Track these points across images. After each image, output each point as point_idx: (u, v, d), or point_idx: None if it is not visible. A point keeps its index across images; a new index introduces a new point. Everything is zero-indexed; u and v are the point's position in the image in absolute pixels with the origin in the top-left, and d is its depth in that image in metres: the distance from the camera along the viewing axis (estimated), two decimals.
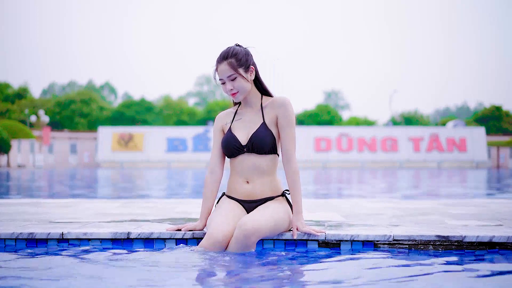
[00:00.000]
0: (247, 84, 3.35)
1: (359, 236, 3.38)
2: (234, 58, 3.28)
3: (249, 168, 3.37)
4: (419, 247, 3.36)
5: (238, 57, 3.29)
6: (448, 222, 3.99)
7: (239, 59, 3.29)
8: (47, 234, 3.45)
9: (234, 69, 3.28)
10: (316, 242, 3.39)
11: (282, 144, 3.35)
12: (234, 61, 3.28)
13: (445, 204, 5.61)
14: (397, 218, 4.33)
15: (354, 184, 15.68)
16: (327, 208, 5.23)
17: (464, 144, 47.50)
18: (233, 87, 3.32)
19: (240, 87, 3.33)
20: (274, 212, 3.28)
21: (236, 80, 3.31)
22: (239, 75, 3.29)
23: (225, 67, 3.29)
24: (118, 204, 5.63)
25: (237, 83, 3.32)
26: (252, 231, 3.12)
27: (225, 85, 3.34)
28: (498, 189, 12.70)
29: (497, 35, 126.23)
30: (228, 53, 3.30)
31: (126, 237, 3.45)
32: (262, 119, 3.38)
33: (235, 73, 3.29)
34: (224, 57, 3.30)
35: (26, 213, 4.62)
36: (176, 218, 4.28)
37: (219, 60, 3.32)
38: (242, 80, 3.32)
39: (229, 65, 3.28)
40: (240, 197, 3.42)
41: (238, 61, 3.28)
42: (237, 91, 3.33)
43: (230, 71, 3.29)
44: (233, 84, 3.32)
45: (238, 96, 3.36)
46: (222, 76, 3.32)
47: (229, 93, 3.34)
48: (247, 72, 3.33)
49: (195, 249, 3.17)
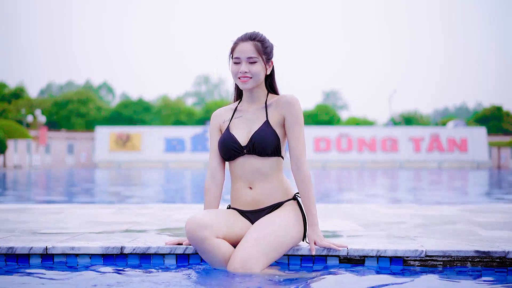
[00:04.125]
0: (262, 74, 2.97)
1: (386, 251, 2.94)
2: (261, 43, 2.95)
3: (250, 172, 2.94)
4: (455, 263, 2.93)
5: (265, 44, 2.97)
6: (481, 233, 3.57)
7: (265, 46, 2.96)
8: (28, 249, 3.01)
9: (258, 53, 2.93)
10: (337, 258, 2.96)
11: (290, 147, 2.92)
12: (260, 46, 2.94)
13: (469, 210, 5.18)
14: (421, 227, 3.90)
15: (359, 185, 15.25)
16: (340, 215, 4.81)
17: (465, 144, 47.11)
18: (249, 71, 2.92)
19: (256, 73, 2.93)
20: (278, 228, 2.83)
21: (255, 65, 2.93)
22: (261, 60, 2.94)
23: (250, 47, 2.92)
24: (111, 210, 5.19)
25: (255, 68, 2.93)
26: (242, 271, 2.69)
27: (239, 65, 2.94)
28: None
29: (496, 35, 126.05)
30: (256, 35, 2.97)
31: (119, 252, 3.01)
32: (266, 117, 2.95)
33: (257, 56, 2.92)
34: (251, 37, 2.95)
35: (9, 222, 4.18)
36: (176, 228, 3.84)
37: (243, 38, 2.95)
38: (260, 68, 2.94)
39: (255, 46, 2.93)
40: (245, 207, 2.98)
41: (264, 48, 2.96)
42: (251, 76, 2.93)
43: (253, 53, 2.92)
44: (250, 68, 2.93)
45: (249, 83, 2.94)
46: (241, 55, 2.93)
47: (241, 76, 2.92)
48: (267, 63, 2.98)
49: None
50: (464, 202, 8.38)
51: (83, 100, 61.08)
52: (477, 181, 17.93)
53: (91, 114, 60.77)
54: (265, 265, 2.77)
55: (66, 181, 17.88)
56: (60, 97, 63.65)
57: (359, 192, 11.83)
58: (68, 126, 59.61)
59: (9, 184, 15.46)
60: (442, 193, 11.48)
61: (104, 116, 61.01)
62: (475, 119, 62.72)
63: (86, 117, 60.91)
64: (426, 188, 13.97)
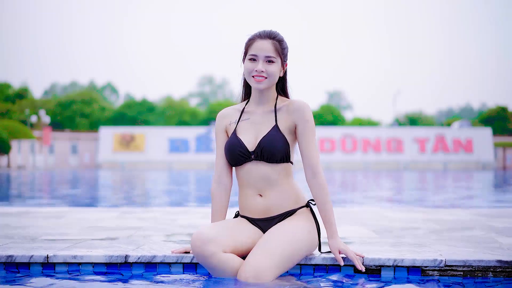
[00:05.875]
0: (277, 76, 2.85)
1: (404, 260, 2.80)
2: (280, 43, 2.83)
3: (258, 178, 2.79)
4: (476, 274, 2.79)
5: (283, 45, 2.85)
6: (501, 241, 3.42)
7: (283, 47, 2.85)
8: (29, 257, 2.88)
9: (277, 53, 2.81)
10: (352, 267, 2.82)
11: (304, 155, 2.77)
12: (279, 46, 2.82)
13: (483, 214, 5.04)
14: (436, 234, 3.76)
15: (365, 187, 15.10)
16: (349, 220, 4.67)
17: (471, 145, 46.85)
18: (265, 70, 2.79)
19: (272, 73, 2.80)
20: (291, 237, 2.70)
21: (272, 65, 2.80)
22: (280, 61, 2.82)
23: (269, 45, 2.80)
24: (114, 214, 5.06)
25: (272, 68, 2.80)
26: (253, 281, 2.56)
27: (255, 63, 2.79)
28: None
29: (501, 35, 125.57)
30: (275, 34, 2.84)
31: (123, 261, 2.88)
32: (275, 121, 2.80)
33: (276, 56, 2.80)
34: (270, 35, 2.82)
35: (9, 227, 4.05)
36: (181, 234, 3.71)
37: (262, 36, 2.81)
38: (277, 69, 2.82)
39: (274, 45, 2.81)
40: (255, 216, 2.84)
41: (283, 49, 2.84)
42: (266, 76, 2.79)
43: (272, 52, 2.80)
44: (267, 67, 2.79)
45: (263, 83, 2.80)
46: (259, 52, 2.79)
47: (256, 74, 2.78)
48: (283, 64, 2.86)
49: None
50: (476, 205, 8.21)
51: (87, 100, 61.05)
52: (485, 183, 17.76)
53: (95, 114, 60.73)
54: (277, 275, 2.64)
55: (68, 182, 17.77)
56: (64, 98, 63.64)
57: (365, 194, 11.68)
58: (72, 127, 59.58)
59: (12, 185, 15.37)
60: (451, 196, 11.32)
61: (108, 117, 60.95)
62: (480, 119, 62.43)
63: (90, 118, 60.87)
64: (434, 190, 13.81)
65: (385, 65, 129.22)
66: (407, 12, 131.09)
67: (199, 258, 2.64)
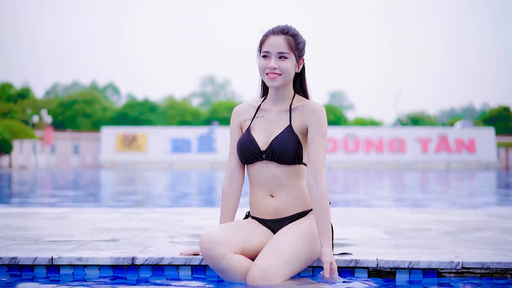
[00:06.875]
0: (292, 72, 2.74)
1: (420, 263, 2.72)
2: (294, 38, 2.73)
3: (269, 179, 2.71)
4: (494, 276, 2.70)
5: (298, 40, 2.74)
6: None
7: (298, 42, 2.73)
8: (33, 260, 2.80)
9: (290, 48, 2.70)
10: (366, 270, 2.74)
11: (309, 158, 2.66)
12: (293, 41, 2.72)
13: (494, 215, 4.95)
14: (449, 235, 3.67)
15: (369, 187, 15.01)
16: (358, 221, 4.58)
17: (473, 145, 46.72)
18: (278, 67, 2.69)
19: (285, 70, 2.70)
20: (302, 239, 2.62)
21: (285, 61, 2.70)
22: (294, 57, 2.72)
23: (282, 41, 2.70)
24: (118, 215, 4.97)
25: (285, 65, 2.70)
26: (262, 283, 2.48)
27: (268, 60, 2.70)
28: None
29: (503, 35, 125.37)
30: (288, 29, 2.74)
31: (130, 263, 2.79)
32: (289, 121, 2.72)
33: (289, 52, 2.69)
34: (283, 31, 2.72)
35: (12, 228, 3.97)
36: (188, 235, 3.63)
37: (275, 32, 2.72)
38: (291, 65, 2.71)
39: (286, 41, 2.70)
40: (266, 216, 2.76)
41: (297, 44, 2.73)
42: (280, 73, 2.70)
43: (285, 48, 2.69)
44: (280, 64, 2.69)
45: (277, 81, 2.71)
46: (272, 49, 2.70)
47: (269, 72, 2.69)
48: (298, 61, 2.76)
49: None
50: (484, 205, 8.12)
51: (89, 100, 61.00)
52: (489, 183, 17.66)
53: (97, 114, 60.68)
54: (287, 277, 2.56)
55: (71, 182, 17.71)
56: (66, 98, 63.60)
57: (370, 195, 11.59)
58: (74, 127, 59.54)
59: (13, 185, 15.30)
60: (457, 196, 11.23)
61: (109, 117, 60.90)
62: (482, 119, 62.29)
63: (92, 118, 60.82)
64: (439, 190, 13.72)
65: (386, 65, 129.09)
66: (407, 12, 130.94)
67: (208, 260, 2.56)
